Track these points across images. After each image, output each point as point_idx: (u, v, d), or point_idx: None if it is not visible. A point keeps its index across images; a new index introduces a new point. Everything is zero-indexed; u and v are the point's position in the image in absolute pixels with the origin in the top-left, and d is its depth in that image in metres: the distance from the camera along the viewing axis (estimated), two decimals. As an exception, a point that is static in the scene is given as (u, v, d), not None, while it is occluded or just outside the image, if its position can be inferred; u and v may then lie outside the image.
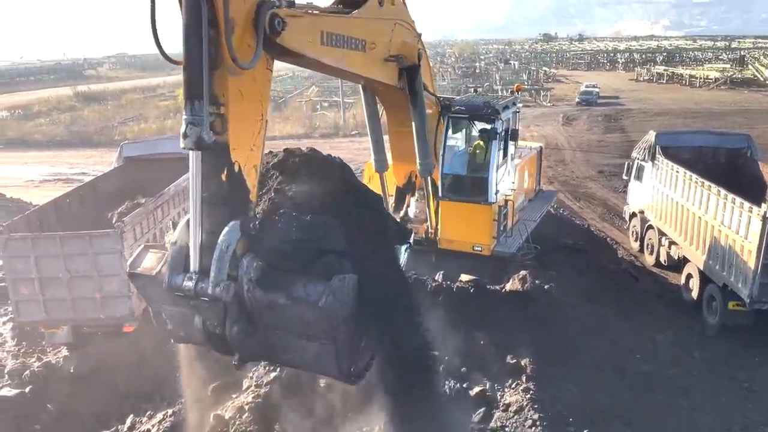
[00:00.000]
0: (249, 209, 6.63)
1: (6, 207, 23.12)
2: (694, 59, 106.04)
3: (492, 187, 12.99)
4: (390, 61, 10.34)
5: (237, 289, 6.21)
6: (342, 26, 8.76)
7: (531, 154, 16.84)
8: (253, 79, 6.63)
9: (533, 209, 15.97)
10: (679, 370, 11.51)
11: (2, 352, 13.53)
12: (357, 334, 6.84)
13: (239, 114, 6.40)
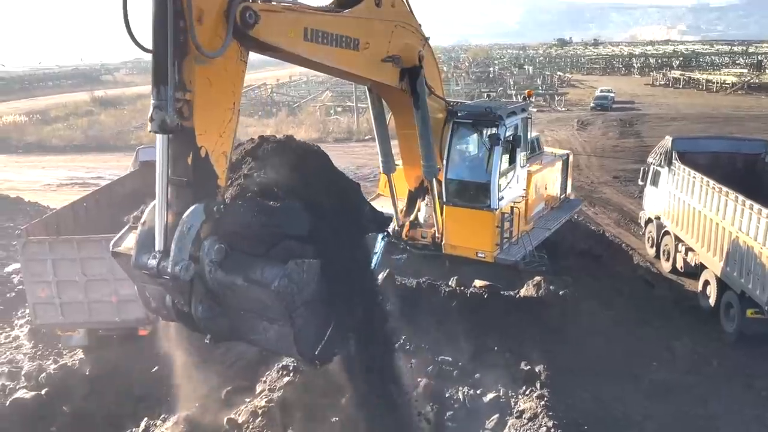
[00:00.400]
0: (216, 193, 6.82)
1: (24, 210, 23.41)
2: (711, 64, 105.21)
3: (495, 193, 12.82)
4: (387, 62, 10.49)
5: (199, 270, 6.44)
6: (329, 24, 9.00)
7: (554, 161, 16.58)
8: (225, 69, 6.87)
9: (552, 218, 15.66)
10: (696, 378, 11.37)
11: (19, 355, 13.66)
12: (321, 318, 7.02)
13: (207, 101, 6.63)
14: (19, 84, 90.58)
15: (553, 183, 16.38)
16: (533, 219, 14.79)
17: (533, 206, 14.83)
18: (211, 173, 6.80)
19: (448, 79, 78.20)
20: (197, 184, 6.64)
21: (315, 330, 7.02)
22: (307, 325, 6.84)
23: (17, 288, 16.41)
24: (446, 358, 11.18)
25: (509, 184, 13.32)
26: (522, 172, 13.84)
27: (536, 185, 14.76)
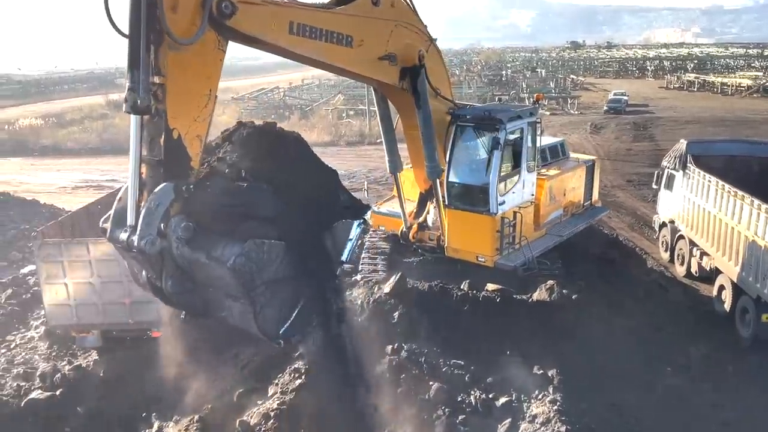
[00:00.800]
0: (189, 174, 7.18)
1: (39, 213, 23.63)
2: (726, 67, 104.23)
3: (494, 197, 12.70)
4: (384, 60, 10.71)
5: (166, 246, 6.81)
6: (319, 19, 9.32)
7: (576, 167, 16.27)
8: (201, 57, 7.33)
9: (569, 224, 15.37)
10: (711, 383, 11.26)
11: (34, 356, 13.78)
12: (286, 299, 7.41)
13: (180, 86, 7.12)
14: (36, 88, 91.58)
15: (575, 189, 15.98)
16: (547, 225, 14.63)
17: (548, 212, 14.67)
18: (184, 154, 7.19)
19: (460, 82, 78.11)
20: (168, 164, 7.05)
21: (279, 310, 7.35)
22: (269, 304, 7.16)
23: (33, 289, 16.57)
24: (458, 361, 11.15)
25: (512, 189, 13.18)
26: (530, 176, 13.65)
27: (551, 191, 14.58)
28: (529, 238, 13.70)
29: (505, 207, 13.04)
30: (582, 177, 16.24)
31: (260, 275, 6.89)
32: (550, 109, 59.23)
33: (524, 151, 13.32)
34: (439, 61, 12.34)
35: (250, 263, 6.73)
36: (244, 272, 6.70)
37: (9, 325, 15.28)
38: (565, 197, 15.46)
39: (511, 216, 13.17)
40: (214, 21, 7.44)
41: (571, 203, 15.87)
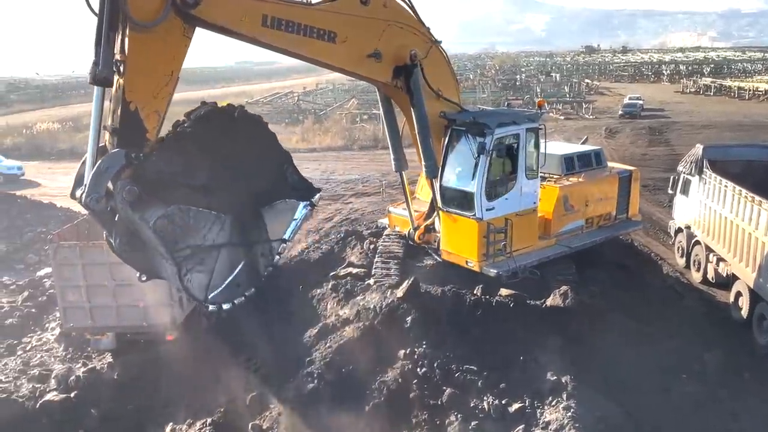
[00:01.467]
0: (143, 144, 8.03)
1: (56, 216, 23.90)
2: (743, 71, 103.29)
3: (480, 203, 12.62)
4: (371, 58, 11.13)
5: (113, 206, 7.82)
6: (296, 14, 9.87)
7: (605, 177, 15.68)
8: (164, 40, 8.22)
9: (587, 236, 14.89)
10: (727, 391, 11.10)
11: (49, 358, 13.91)
12: (217, 265, 8.12)
13: (141, 65, 8.06)
14: (53, 92, 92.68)
15: (602, 200, 15.29)
16: (561, 235, 14.30)
17: (562, 222, 14.33)
18: (139, 126, 8.06)
19: (474, 86, 78.05)
20: (123, 133, 8.00)
21: (209, 276, 8.07)
22: (198, 269, 7.93)
23: (49, 292, 16.74)
24: (471, 367, 11.10)
25: (506, 196, 13.05)
26: (530, 184, 13.36)
27: (566, 200, 14.24)
28: (532, 247, 13.56)
29: (495, 213, 12.90)
30: (613, 188, 15.58)
31: (184, 239, 7.67)
32: (565, 113, 58.97)
33: (521, 157, 13.14)
34: (442, 63, 12.52)
35: (173, 226, 7.54)
36: (165, 233, 7.51)
37: (25, 328, 15.45)
38: (588, 207, 14.89)
39: (501, 223, 13.00)
40: (179, 10, 8.23)
41: (598, 215, 15.27)
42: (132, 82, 8.04)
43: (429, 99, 12.21)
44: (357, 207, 26.50)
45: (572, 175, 15.03)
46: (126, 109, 8.05)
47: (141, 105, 8.10)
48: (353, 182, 31.77)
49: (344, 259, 16.57)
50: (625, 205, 16.09)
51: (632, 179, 16.14)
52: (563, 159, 15.13)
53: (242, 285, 8.58)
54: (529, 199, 13.51)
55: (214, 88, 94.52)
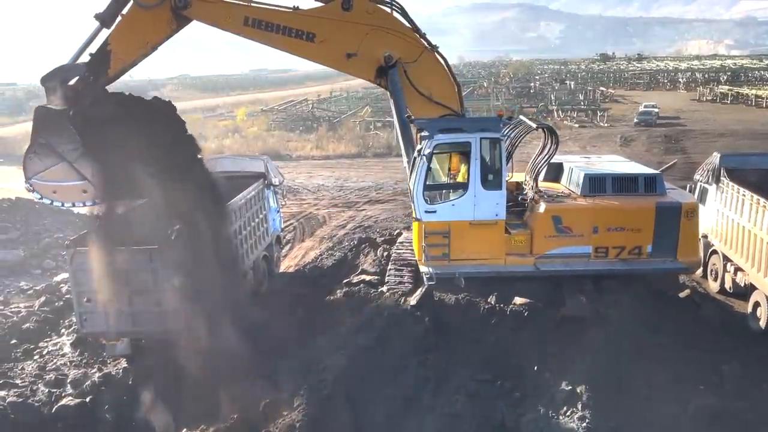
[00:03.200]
0: (102, 75, 12.23)
1: (73, 222, 24.12)
2: (760, 79, 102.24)
3: (418, 204, 13.17)
4: (350, 57, 12.78)
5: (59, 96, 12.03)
6: (275, 16, 12.33)
7: (632, 204, 13.68)
8: (152, 18, 12.04)
9: (588, 264, 13.65)
10: (746, 403, 10.93)
11: (65, 363, 14.02)
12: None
13: (130, 26, 12.04)
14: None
15: (625, 230, 13.55)
16: (546, 257, 13.56)
17: (552, 243, 13.55)
18: (106, 62, 12.09)
19: (488, 94, 78.00)
20: (92, 60, 12.12)
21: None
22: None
23: (65, 297, 16.89)
24: (485, 376, 11.05)
25: (453, 202, 13.28)
26: (489, 195, 13.26)
27: (559, 221, 13.51)
28: (493, 261, 13.47)
29: (437, 217, 13.19)
30: (646, 219, 13.49)
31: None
32: (580, 121, 58.75)
33: (474, 166, 13.14)
34: (435, 67, 13.28)
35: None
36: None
37: (41, 333, 15.58)
38: (599, 235, 13.53)
39: (443, 227, 13.20)
40: (173, 9, 11.83)
41: (618, 245, 13.62)
42: (118, 32, 12.04)
43: (417, 101, 13.28)
44: (370, 214, 26.54)
45: (595, 197, 13.86)
46: (104, 47, 12.03)
47: (114, 50, 12.01)
48: (367, 189, 31.84)
49: (357, 267, 16.58)
50: (669, 243, 13.61)
51: (683, 213, 13.57)
52: (587, 178, 14.02)
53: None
54: (489, 210, 13.35)
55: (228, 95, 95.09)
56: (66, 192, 12.19)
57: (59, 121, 11.54)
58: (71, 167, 11.68)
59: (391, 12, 12.93)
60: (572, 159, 16.72)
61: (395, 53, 12.88)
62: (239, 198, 15.25)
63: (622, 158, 16.14)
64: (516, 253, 13.61)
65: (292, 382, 11.36)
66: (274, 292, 16.79)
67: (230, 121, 62.00)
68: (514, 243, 13.64)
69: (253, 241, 16.32)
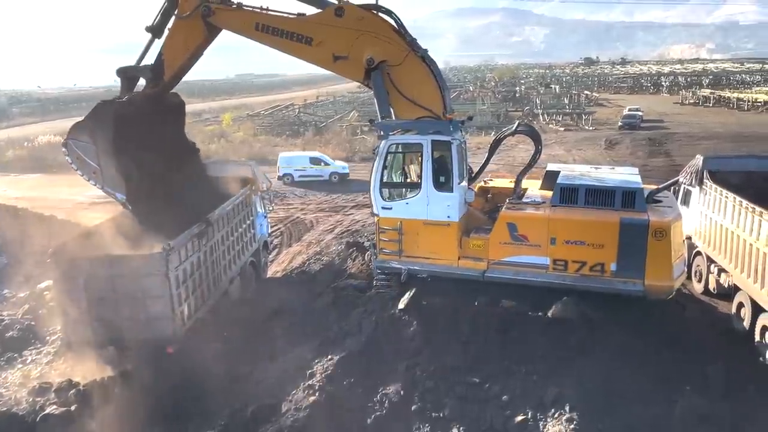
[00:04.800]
0: (161, 79, 14.86)
1: (57, 229, 23.84)
2: (742, 82, 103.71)
3: (375, 200, 14.11)
4: (339, 59, 13.80)
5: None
6: (280, 22, 14.01)
7: (598, 220, 12.97)
8: (188, 27, 14.45)
9: (543, 276, 13.20)
10: (731, 403, 11.02)
11: (50, 371, 13.84)
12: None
13: (174, 36, 14.65)
14: (55, 105, 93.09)
15: (585, 245, 12.94)
16: (501, 263, 13.47)
17: (507, 251, 13.41)
18: (161, 70, 14.75)
19: (474, 98, 78.32)
20: (153, 68, 14.82)
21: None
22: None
23: (49, 305, 16.69)
24: (473, 379, 11.06)
25: (406, 200, 13.94)
26: (441, 196, 13.53)
27: (514, 228, 13.35)
28: (445, 261, 13.79)
29: (391, 214, 13.97)
30: (608, 235, 12.77)
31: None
32: (565, 125, 59.16)
33: (426, 167, 13.57)
34: (417, 71, 13.76)
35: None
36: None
37: (26, 341, 15.39)
38: (556, 247, 13.09)
39: (394, 224, 13.88)
40: (202, 16, 14.20)
41: (577, 260, 13.03)
42: (167, 44, 14.59)
43: (400, 103, 13.91)
44: (358, 218, 26.52)
45: (563, 207, 13.44)
46: (159, 57, 14.69)
47: (166, 58, 14.64)
48: (354, 194, 31.80)
49: (345, 271, 16.56)
50: (635, 263, 12.73)
51: (650, 232, 12.61)
52: (558, 187, 13.71)
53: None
54: (441, 211, 13.65)
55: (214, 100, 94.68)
56: (84, 165, 13.68)
57: (105, 112, 13.64)
58: (96, 150, 13.45)
59: (380, 18, 13.68)
60: (577, 168, 16.59)
61: (379, 56, 13.48)
62: (226, 204, 15.19)
63: (633, 171, 15.18)
64: (471, 257, 13.72)
65: (280, 388, 11.31)
66: (262, 298, 16.73)
67: (216, 126, 61.74)
68: (472, 246, 13.76)
69: (240, 246, 16.25)
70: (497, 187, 15.97)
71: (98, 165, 13.54)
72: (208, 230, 14.11)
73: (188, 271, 13.01)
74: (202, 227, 13.70)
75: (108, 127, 13.35)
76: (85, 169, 13.74)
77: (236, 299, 16.02)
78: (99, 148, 13.42)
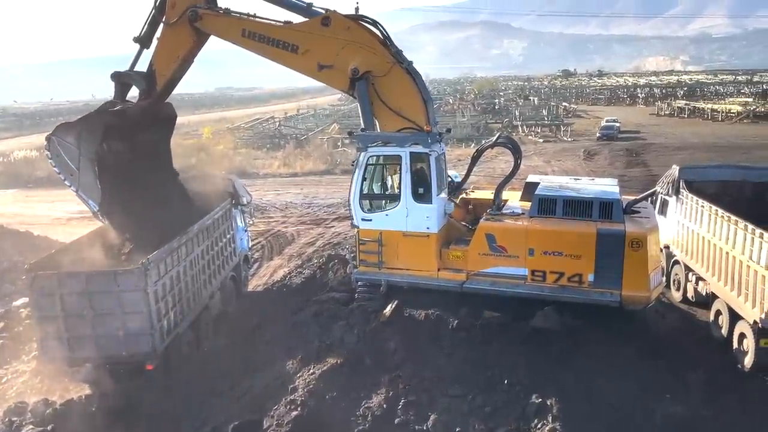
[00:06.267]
0: (153, 89, 14.75)
1: (33, 245, 23.50)
2: (716, 93, 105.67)
3: (354, 211, 14.20)
4: (324, 68, 13.78)
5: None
6: (267, 29, 13.98)
7: (575, 230, 13.06)
8: (176, 34, 14.40)
9: (520, 287, 13.36)
10: (712, 411, 11.13)
11: (26, 390, 13.58)
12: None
13: (163, 45, 14.57)
14: (31, 120, 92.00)
15: (563, 255, 13.06)
16: (480, 274, 13.60)
17: (487, 261, 13.49)
18: (153, 80, 14.64)
19: (454, 110, 78.81)
20: (145, 82, 14.70)
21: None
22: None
23: (25, 322, 16.40)
24: (456, 391, 11.04)
25: (386, 212, 14.05)
26: (420, 208, 13.67)
27: (493, 239, 13.43)
28: (425, 273, 13.90)
29: (372, 225, 14.07)
30: (585, 245, 12.85)
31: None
32: (544, 136, 59.74)
33: (405, 179, 13.78)
34: (401, 83, 13.79)
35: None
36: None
37: (1, 359, 15.08)
38: (534, 258, 13.19)
39: (374, 235, 13.97)
40: (189, 21, 14.11)
41: (555, 270, 13.15)
42: (156, 54, 14.52)
43: (384, 113, 13.89)
44: (339, 231, 26.47)
45: (540, 218, 13.51)
46: (150, 68, 14.59)
47: (157, 68, 14.56)
48: (335, 206, 31.77)
49: (327, 284, 16.50)
50: (612, 274, 12.79)
51: (627, 243, 12.64)
52: (536, 198, 13.79)
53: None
54: (420, 223, 13.75)
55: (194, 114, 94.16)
56: (63, 164, 13.51)
57: (96, 120, 13.56)
58: (78, 154, 13.32)
59: (366, 28, 13.83)
60: (556, 179, 16.73)
61: (363, 67, 13.50)
62: (206, 218, 15.08)
63: (612, 182, 15.51)
64: (451, 268, 13.82)
65: (262, 403, 11.19)
66: (243, 312, 16.58)
67: (196, 140, 61.36)
68: (452, 258, 13.87)
69: (220, 261, 16.12)
70: (478, 199, 16.05)
71: (77, 168, 13.37)
72: (188, 244, 13.98)
73: (168, 286, 12.86)
74: (181, 242, 13.57)
75: (96, 134, 13.24)
76: (62, 169, 13.56)
77: (217, 314, 15.87)
78: (81, 153, 13.25)
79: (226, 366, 13.07)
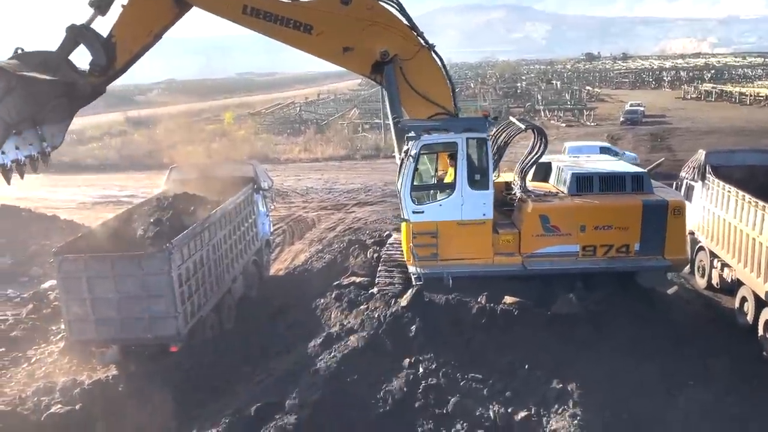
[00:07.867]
0: (109, 68, 12.00)
1: (60, 228, 23.95)
2: (744, 76, 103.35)
3: (406, 205, 13.24)
4: (346, 51, 12.75)
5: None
6: (274, 6, 12.24)
7: (623, 204, 13.62)
8: (155, 4, 11.98)
9: (576, 263, 13.62)
10: (735, 398, 11.02)
11: (54, 370, 13.91)
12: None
13: (133, 15, 11.87)
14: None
15: (612, 228, 13.49)
16: (533, 255, 13.60)
17: (540, 242, 13.55)
18: (113, 54, 11.87)
19: (475, 95, 78.23)
20: (99, 55, 11.77)
21: None
22: None
23: (53, 304, 16.76)
24: (476, 375, 11.07)
25: (440, 202, 13.37)
26: (476, 194, 13.31)
27: (547, 220, 13.51)
28: (483, 260, 13.57)
29: (425, 217, 13.28)
30: (632, 217, 13.48)
31: None
32: (566, 121, 59.08)
33: (460, 166, 13.20)
34: (429, 66, 13.23)
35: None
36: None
37: (30, 340, 15.46)
38: (586, 233, 13.50)
39: (429, 227, 13.27)
40: None
41: (605, 243, 13.59)
42: (122, 24, 11.78)
43: (412, 99, 13.28)
44: (360, 216, 26.55)
45: (583, 195, 13.89)
46: (108, 39, 11.81)
47: (119, 41, 11.82)
48: (356, 191, 31.86)
49: (347, 269, 16.57)
50: (656, 241, 13.59)
51: (669, 211, 13.53)
52: (574, 177, 14.02)
53: None
54: (477, 210, 13.41)
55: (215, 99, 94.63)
56: None
57: (42, 86, 11.00)
58: None
59: (390, 8, 12.90)
60: (561, 158, 16.83)
61: (392, 49, 12.80)
62: (228, 203, 15.22)
63: (610, 157, 16.19)
64: (504, 253, 13.63)
65: (283, 385, 11.33)
66: (265, 296, 16.76)
67: (217, 125, 61.70)
68: (502, 242, 13.67)
69: (242, 246, 16.28)
70: (501, 182, 15.93)
71: None
72: (210, 229, 14.12)
73: (191, 270, 13.03)
74: (204, 226, 13.72)
75: (29, 103, 10.86)
76: None
77: (239, 297, 16.07)
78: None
79: (248, 349, 13.24)
